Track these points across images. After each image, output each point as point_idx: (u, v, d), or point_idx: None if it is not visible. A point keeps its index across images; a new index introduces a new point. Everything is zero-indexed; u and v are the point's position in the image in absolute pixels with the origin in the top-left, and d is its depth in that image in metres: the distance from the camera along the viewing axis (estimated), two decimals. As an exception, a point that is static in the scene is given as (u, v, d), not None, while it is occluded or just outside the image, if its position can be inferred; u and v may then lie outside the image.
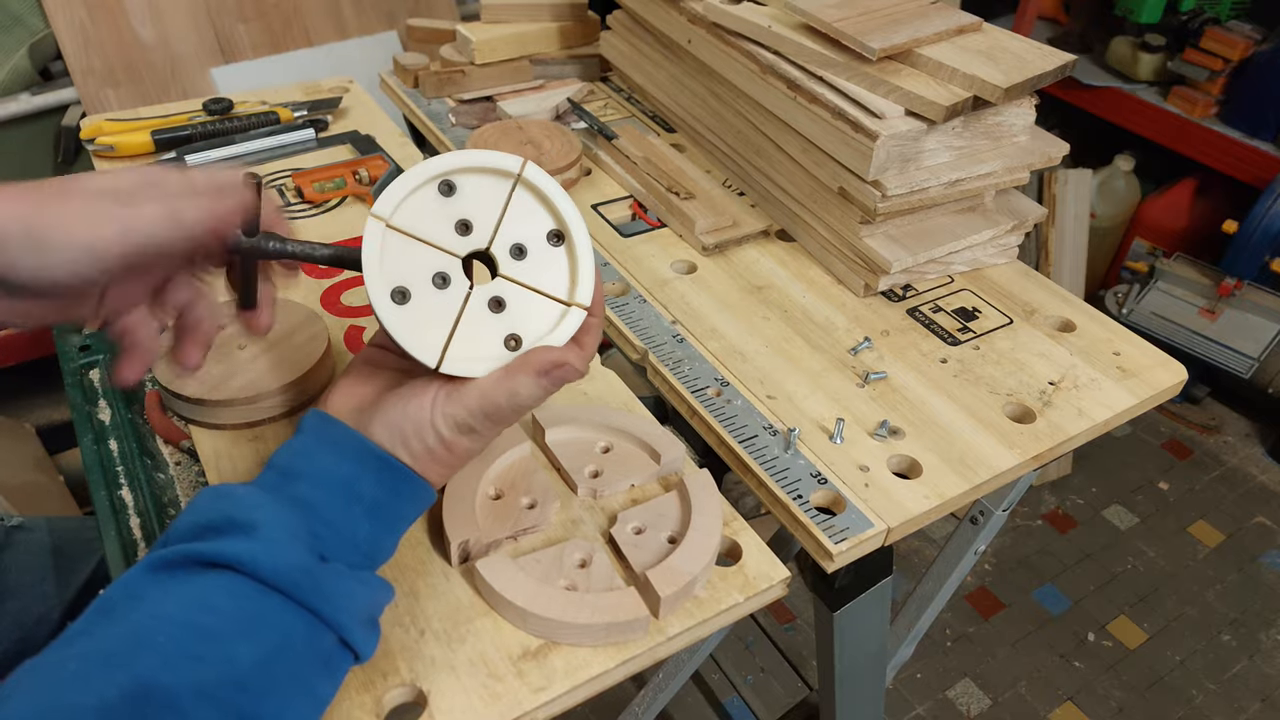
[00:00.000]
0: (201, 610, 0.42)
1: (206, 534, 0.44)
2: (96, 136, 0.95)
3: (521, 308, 0.51)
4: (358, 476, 0.48)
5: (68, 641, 0.41)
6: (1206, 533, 1.99)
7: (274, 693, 0.41)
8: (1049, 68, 0.78)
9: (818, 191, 0.84)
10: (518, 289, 0.51)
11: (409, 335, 0.48)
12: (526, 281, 0.51)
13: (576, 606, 0.52)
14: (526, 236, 0.51)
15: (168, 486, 0.69)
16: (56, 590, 0.91)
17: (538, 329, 0.51)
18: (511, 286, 0.51)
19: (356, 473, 0.48)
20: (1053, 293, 0.84)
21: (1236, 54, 2.04)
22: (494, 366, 0.50)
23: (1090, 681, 1.69)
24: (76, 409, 0.74)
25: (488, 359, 0.50)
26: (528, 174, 0.51)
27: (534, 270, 0.52)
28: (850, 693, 0.85)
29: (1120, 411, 0.72)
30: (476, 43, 1.07)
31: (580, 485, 0.61)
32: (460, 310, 0.50)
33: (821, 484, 0.64)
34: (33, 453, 1.71)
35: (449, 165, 0.50)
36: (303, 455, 0.48)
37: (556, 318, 0.52)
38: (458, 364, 0.49)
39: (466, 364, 0.49)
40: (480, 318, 0.51)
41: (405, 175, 0.49)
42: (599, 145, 0.99)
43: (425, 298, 0.50)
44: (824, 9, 0.82)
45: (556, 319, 0.52)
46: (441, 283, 0.50)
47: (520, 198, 0.51)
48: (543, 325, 0.52)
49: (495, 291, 0.51)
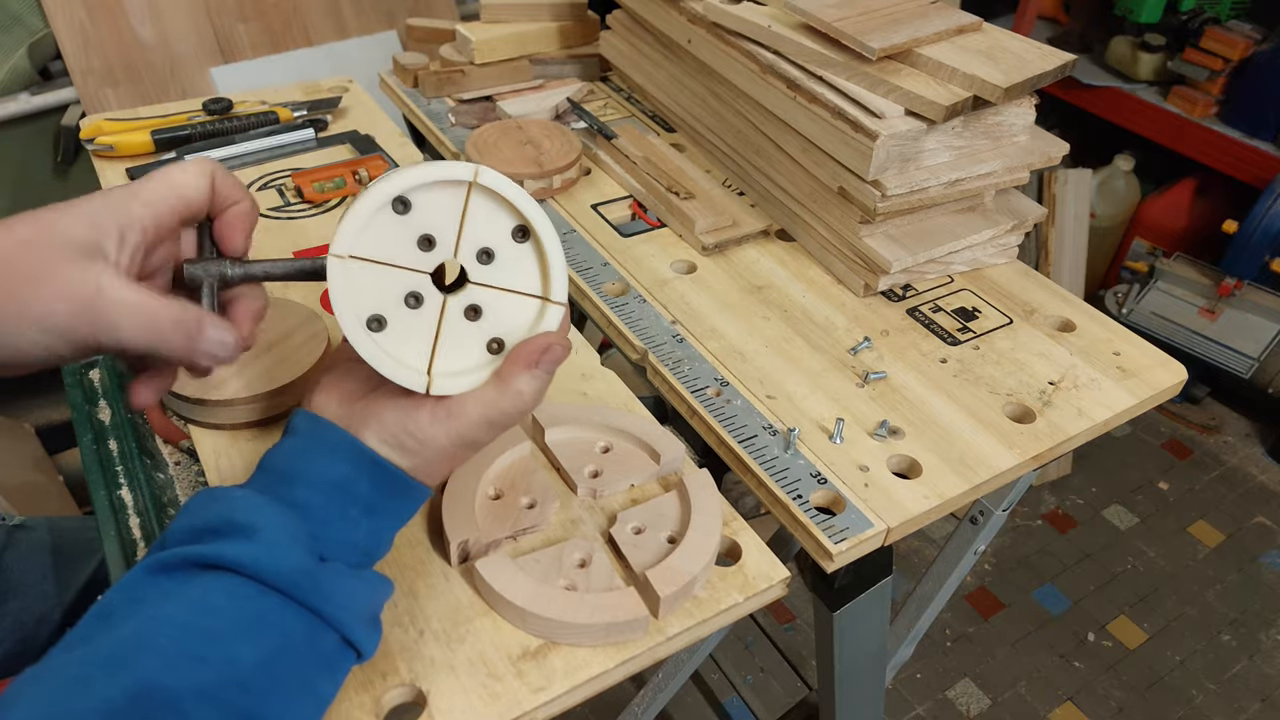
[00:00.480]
0: (203, 612, 0.42)
1: (205, 536, 0.44)
2: (96, 136, 0.95)
3: (498, 311, 0.51)
4: (352, 478, 0.48)
5: (68, 647, 0.41)
6: (1206, 533, 1.99)
7: (276, 693, 0.42)
8: (1049, 67, 0.78)
9: (817, 191, 0.84)
10: (491, 292, 0.50)
11: (390, 363, 0.48)
12: (499, 284, 0.51)
13: (576, 606, 0.52)
14: (491, 240, 0.50)
15: (167, 486, 0.69)
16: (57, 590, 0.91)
17: (518, 328, 0.51)
18: (485, 291, 0.50)
19: (351, 475, 0.48)
20: (1053, 293, 0.84)
21: (1236, 54, 2.04)
22: (482, 375, 0.50)
23: (1090, 681, 1.69)
24: (76, 409, 0.74)
25: (474, 369, 0.50)
26: (480, 178, 0.49)
27: (504, 271, 0.51)
28: (850, 693, 0.85)
29: (1120, 411, 0.72)
30: (476, 42, 1.07)
31: (580, 485, 0.61)
32: (438, 325, 0.50)
33: (821, 484, 0.64)
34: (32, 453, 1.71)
35: (398, 185, 0.48)
36: (296, 457, 0.48)
37: (535, 314, 0.51)
38: (445, 380, 0.49)
39: (454, 379, 0.49)
40: (459, 328, 0.50)
41: (356, 204, 0.47)
42: (599, 145, 0.99)
43: (401, 320, 0.49)
44: (824, 9, 0.82)
45: (535, 315, 0.51)
46: (415, 302, 0.49)
47: (477, 202, 0.49)
48: (522, 324, 0.51)
49: (469, 300, 0.50)
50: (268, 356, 0.67)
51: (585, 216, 0.91)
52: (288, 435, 0.49)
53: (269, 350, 0.67)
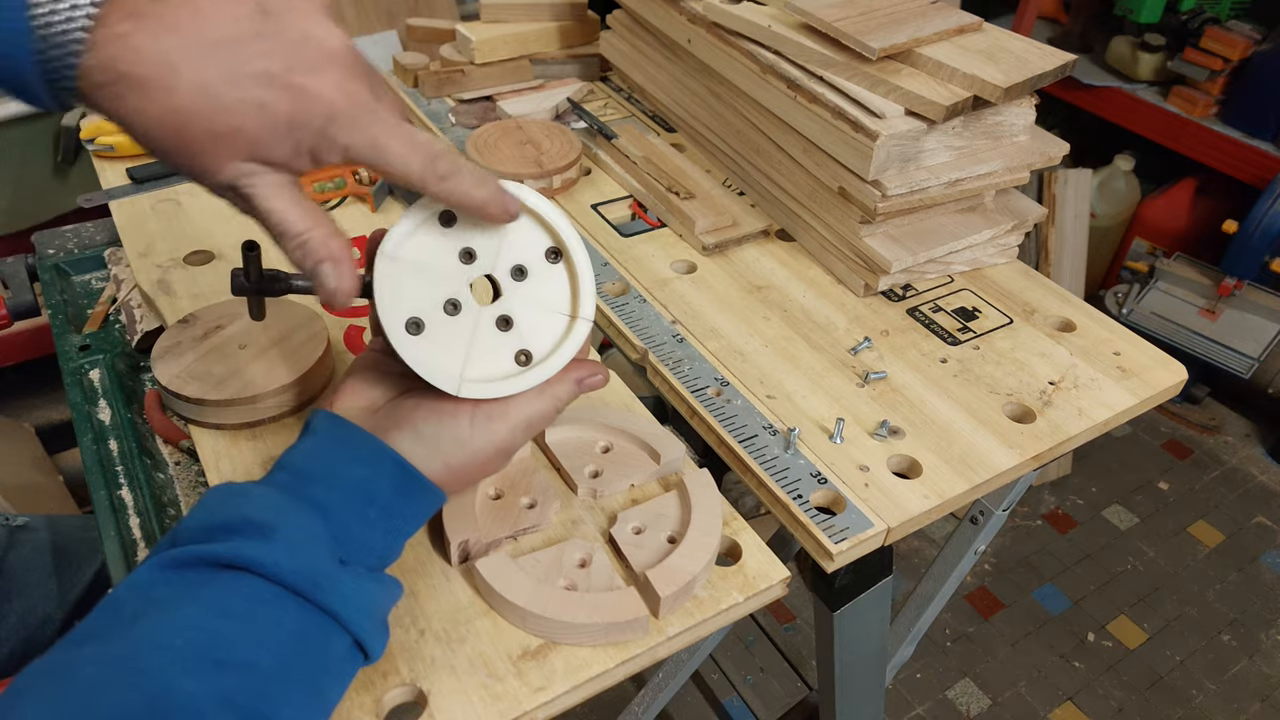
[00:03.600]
0: (220, 615, 0.41)
1: (221, 534, 0.44)
2: (96, 136, 0.95)
3: (528, 324, 0.54)
4: (372, 479, 0.48)
5: (78, 642, 0.40)
6: (1206, 533, 1.99)
7: (290, 697, 0.41)
8: (1049, 67, 0.78)
9: (818, 191, 0.84)
10: (523, 307, 0.53)
11: (427, 365, 0.50)
12: (531, 299, 0.54)
13: (576, 606, 0.52)
14: (526, 257, 0.53)
15: (167, 486, 0.69)
16: (60, 590, 0.91)
17: (545, 343, 0.54)
18: (517, 305, 0.53)
19: (371, 476, 0.48)
20: (1053, 293, 0.84)
21: (1236, 54, 2.04)
22: (508, 384, 0.52)
23: (1090, 681, 1.69)
24: (76, 409, 0.74)
25: (501, 378, 0.52)
26: (522, 197, 0.52)
27: (536, 288, 0.54)
28: (850, 693, 0.85)
29: (1120, 411, 0.72)
30: (476, 42, 1.07)
31: (580, 485, 0.61)
32: (472, 333, 0.52)
33: (821, 484, 0.64)
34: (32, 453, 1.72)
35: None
36: (315, 457, 0.48)
37: (563, 330, 0.54)
38: (474, 386, 0.51)
39: (482, 385, 0.51)
40: (490, 338, 0.53)
41: (408, 213, 0.51)
42: (599, 145, 0.99)
43: (438, 326, 0.52)
44: (824, 9, 0.82)
45: (563, 331, 0.54)
46: (453, 309, 0.52)
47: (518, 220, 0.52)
48: (550, 339, 0.54)
49: (502, 311, 0.53)
50: (268, 356, 0.67)
51: (585, 216, 0.91)
52: (307, 434, 0.49)
53: (269, 350, 0.67)
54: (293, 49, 0.41)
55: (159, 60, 0.39)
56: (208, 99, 0.40)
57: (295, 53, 0.41)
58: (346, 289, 0.46)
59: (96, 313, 0.84)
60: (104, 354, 0.80)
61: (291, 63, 0.41)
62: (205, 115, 0.40)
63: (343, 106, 0.42)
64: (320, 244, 0.44)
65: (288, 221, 0.44)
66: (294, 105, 0.41)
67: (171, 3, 0.40)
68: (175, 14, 0.40)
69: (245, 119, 0.41)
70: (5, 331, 1.54)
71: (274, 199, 0.43)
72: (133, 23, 0.39)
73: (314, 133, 0.42)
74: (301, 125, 0.42)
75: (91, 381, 0.78)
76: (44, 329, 1.68)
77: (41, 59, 0.38)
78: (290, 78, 0.41)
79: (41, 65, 0.38)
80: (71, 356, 0.79)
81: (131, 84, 0.39)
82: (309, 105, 0.42)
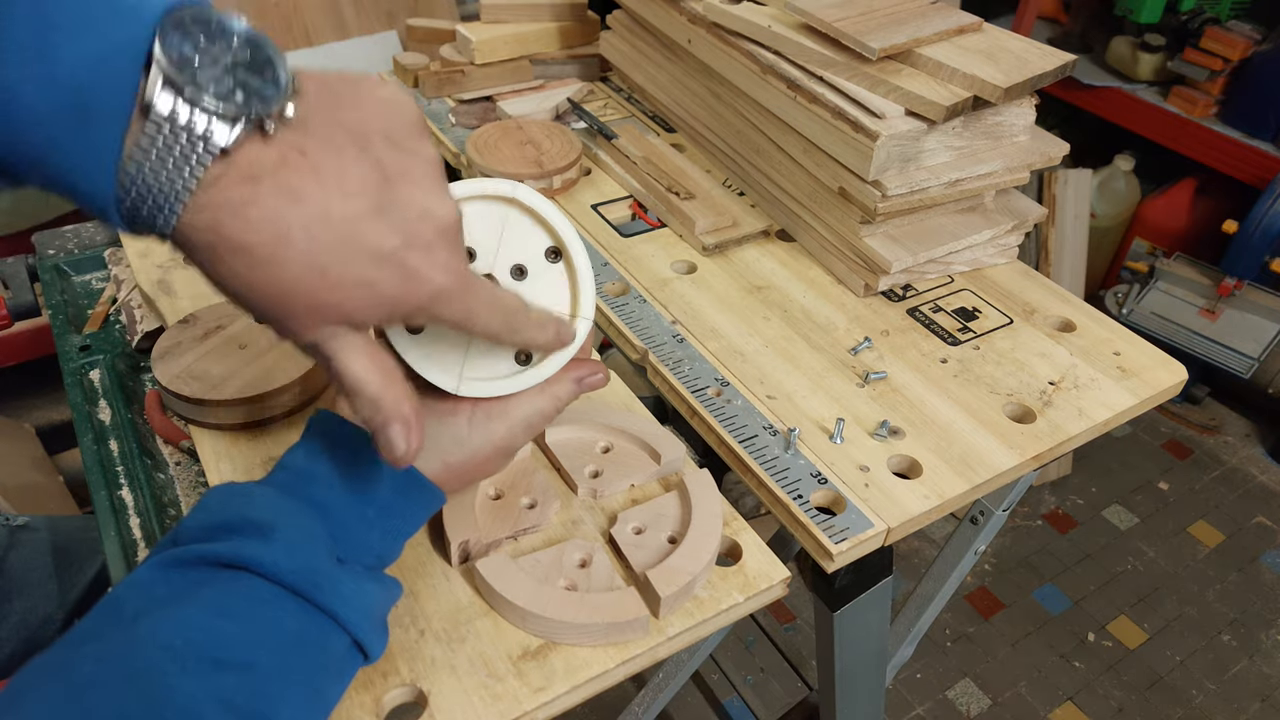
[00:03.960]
0: (220, 614, 0.41)
1: (221, 534, 0.44)
2: (96, 136, 0.95)
3: None
4: (373, 480, 0.48)
5: (78, 641, 0.40)
6: (1206, 533, 1.99)
7: (289, 698, 0.41)
8: (1049, 68, 0.78)
9: (818, 191, 0.84)
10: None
11: (426, 364, 0.50)
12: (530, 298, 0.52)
13: (576, 606, 0.52)
14: (525, 257, 0.53)
15: (168, 486, 0.69)
16: (61, 590, 0.91)
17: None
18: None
19: (372, 476, 0.48)
20: (1053, 293, 0.84)
21: (1236, 54, 2.04)
22: (508, 383, 0.51)
23: (1090, 681, 1.69)
24: (76, 409, 0.74)
25: (500, 377, 0.52)
26: (520, 196, 0.52)
27: (536, 287, 0.53)
28: (850, 693, 0.85)
29: (1120, 411, 0.72)
30: (476, 42, 1.07)
31: (580, 485, 0.61)
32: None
33: (821, 484, 0.64)
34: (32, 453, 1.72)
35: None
36: (316, 457, 0.48)
37: None
38: (473, 385, 0.51)
39: (482, 384, 0.51)
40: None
41: None
42: (599, 145, 0.99)
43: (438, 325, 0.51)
44: (824, 9, 0.82)
45: None
46: None
47: (517, 219, 0.52)
48: None
49: None
50: (267, 357, 0.67)
51: (585, 216, 0.91)
52: (309, 435, 0.50)
53: (269, 350, 0.67)
54: (410, 226, 0.40)
55: (273, 232, 0.36)
56: (316, 275, 0.38)
57: (412, 230, 0.40)
58: (415, 450, 0.44)
59: (97, 313, 0.84)
60: (104, 354, 0.80)
61: (408, 240, 0.39)
62: (310, 291, 0.38)
63: (446, 285, 0.41)
64: (393, 406, 0.43)
65: (363, 382, 0.42)
66: (402, 287, 0.40)
67: (293, 164, 0.36)
68: (298, 180, 0.37)
69: (349, 295, 0.39)
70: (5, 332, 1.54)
71: (355, 361, 0.42)
72: (249, 188, 0.35)
73: (414, 308, 0.41)
74: (404, 302, 0.41)
75: (92, 382, 0.78)
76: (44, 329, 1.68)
77: (131, 213, 0.35)
78: (404, 256, 0.39)
79: (130, 215, 0.35)
80: (72, 357, 0.79)
81: (235, 250, 0.36)
82: (417, 287, 0.40)
